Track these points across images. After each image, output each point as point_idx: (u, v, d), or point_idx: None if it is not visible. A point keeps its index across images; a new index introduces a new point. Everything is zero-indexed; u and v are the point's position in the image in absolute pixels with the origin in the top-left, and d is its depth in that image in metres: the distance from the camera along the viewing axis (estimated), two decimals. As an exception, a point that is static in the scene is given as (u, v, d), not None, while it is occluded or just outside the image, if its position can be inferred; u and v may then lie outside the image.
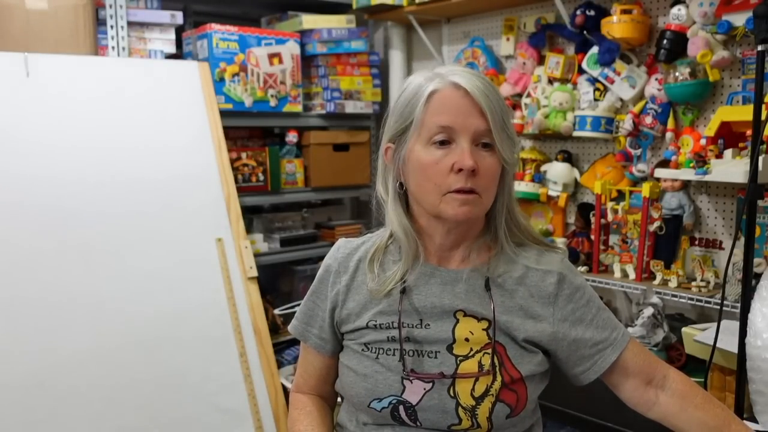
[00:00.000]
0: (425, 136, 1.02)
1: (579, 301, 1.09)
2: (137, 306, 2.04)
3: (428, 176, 1.01)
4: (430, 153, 1.01)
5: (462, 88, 1.00)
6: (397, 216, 1.08)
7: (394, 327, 1.07)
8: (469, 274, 1.08)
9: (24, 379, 1.83)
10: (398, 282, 1.08)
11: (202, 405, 2.04)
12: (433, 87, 1.02)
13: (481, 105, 0.99)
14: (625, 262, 1.99)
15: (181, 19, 2.53)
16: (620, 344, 1.10)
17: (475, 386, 1.03)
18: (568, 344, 1.08)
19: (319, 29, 2.69)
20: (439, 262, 1.10)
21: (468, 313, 1.06)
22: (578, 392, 1.73)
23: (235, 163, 2.46)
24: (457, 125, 1.00)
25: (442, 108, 1.01)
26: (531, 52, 2.31)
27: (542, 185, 2.29)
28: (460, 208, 1.01)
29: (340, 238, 1.20)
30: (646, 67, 2.03)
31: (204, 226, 2.24)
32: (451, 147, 1.00)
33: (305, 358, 1.20)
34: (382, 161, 1.11)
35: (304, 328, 1.17)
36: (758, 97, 1.37)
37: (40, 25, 2.19)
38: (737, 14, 1.74)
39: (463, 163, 0.98)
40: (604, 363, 1.09)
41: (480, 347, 1.04)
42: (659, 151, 2.04)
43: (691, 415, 1.09)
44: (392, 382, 1.05)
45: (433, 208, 1.03)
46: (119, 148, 2.16)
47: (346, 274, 1.13)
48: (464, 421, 1.02)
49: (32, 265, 1.93)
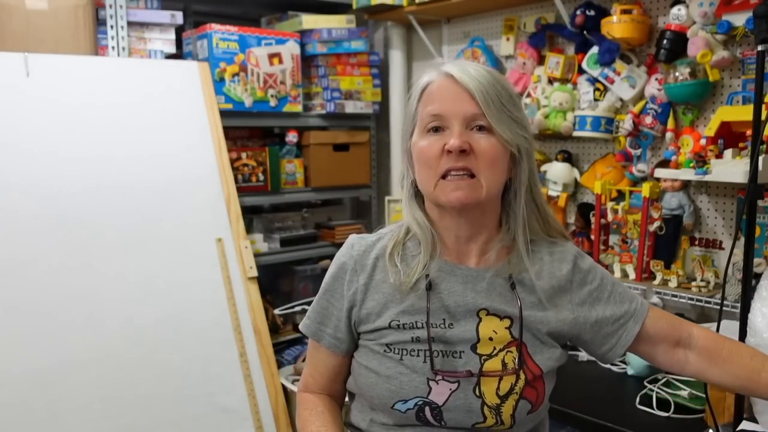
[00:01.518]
0: (421, 127, 1.05)
1: (593, 282, 1.12)
2: (137, 306, 2.04)
3: (425, 162, 1.03)
4: (426, 140, 1.04)
5: (451, 76, 1.02)
6: (411, 210, 1.11)
7: (418, 327, 1.05)
8: (493, 272, 1.08)
9: (24, 379, 1.83)
10: (422, 274, 1.06)
11: (202, 405, 2.04)
12: (427, 80, 1.06)
13: (470, 89, 1.01)
14: (625, 262, 1.99)
15: (181, 19, 2.53)
16: (641, 314, 1.12)
17: (500, 385, 1.04)
18: (591, 326, 1.10)
19: (319, 29, 2.69)
20: (458, 258, 1.10)
21: (491, 312, 1.06)
22: (578, 392, 1.73)
23: (235, 163, 2.46)
24: (447, 112, 1.02)
25: (433, 97, 1.04)
26: (531, 52, 2.31)
27: (542, 185, 2.28)
28: (453, 193, 1.01)
29: (351, 235, 1.17)
30: (646, 67, 2.03)
31: (204, 226, 2.24)
32: (445, 133, 1.02)
33: (316, 358, 1.16)
34: (405, 162, 1.13)
35: (318, 327, 1.13)
36: (758, 97, 1.37)
37: (40, 25, 2.19)
38: (737, 14, 1.73)
39: (451, 143, 1.00)
40: (629, 336, 1.11)
41: (503, 346, 1.05)
42: (659, 151, 2.04)
43: (722, 369, 1.12)
44: (418, 384, 1.03)
45: (431, 196, 1.05)
46: (119, 149, 2.16)
47: (363, 272, 1.10)
48: (489, 419, 1.03)
49: (32, 265, 1.93)
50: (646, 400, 1.64)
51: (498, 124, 1.01)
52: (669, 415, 1.55)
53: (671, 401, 1.61)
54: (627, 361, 1.86)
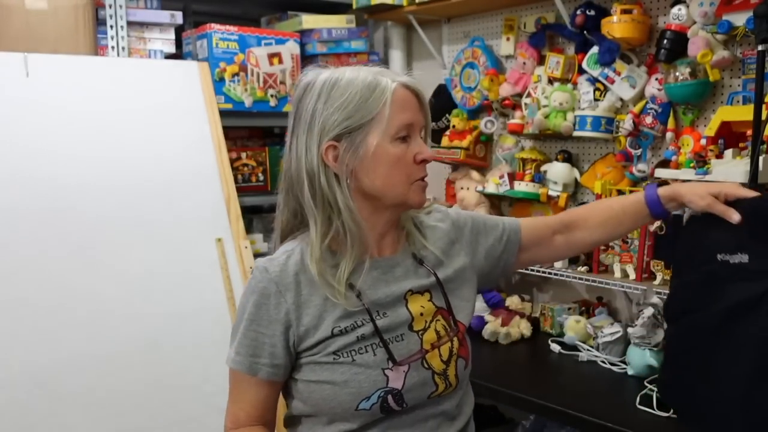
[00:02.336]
0: (391, 132, 1.07)
1: (466, 225, 1.28)
2: (137, 306, 2.04)
3: (399, 168, 1.09)
4: (397, 147, 1.08)
5: (411, 88, 1.10)
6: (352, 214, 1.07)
7: (359, 325, 1.08)
8: (401, 256, 1.17)
9: (24, 380, 1.83)
10: (349, 281, 1.09)
11: (202, 405, 2.04)
12: (393, 86, 1.07)
13: (424, 103, 1.13)
14: (625, 262, 1.99)
15: (180, 19, 2.53)
16: (515, 226, 1.31)
17: (441, 351, 1.13)
18: (485, 258, 1.28)
19: (319, 29, 2.69)
20: (378, 252, 1.16)
21: (414, 291, 1.15)
22: (578, 392, 1.73)
23: (235, 163, 2.46)
24: (415, 122, 1.10)
25: (405, 106, 1.09)
26: (531, 52, 2.31)
27: (542, 185, 2.28)
28: (422, 195, 1.13)
29: (257, 261, 1.15)
30: (646, 67, 2.03)
31: (204, 226, 2.24)
32: (408, 141, 1.10)
33: (248, 392, 1.12)
34: (317, 162, 1.06)
35: (252, 360, 1.09)
36: (758, 97, 1.37)
37: (40, 25, 2.19)
38: (737, 14, 1.73)
39: (426, 154, 1.11)
40: (514, 245, 1.30)
41: (431, 317, 1.15)
42: (659, 151, 2.03)
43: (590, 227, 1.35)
44: (375, 377, 1.07)
45: (400, 198, 1.11)
46: (119, 148, 2.16)
47: (289, 291, 1.08)
48: (440, 385, 1.13)
49: (32, 265, 1.93)
50: (646, 400, 1.64)
51: (428, 137, 1.16)
52: (669, 415, 1.55)
53: (671, 401, 1.61)
54: (627, 361, 1.86)
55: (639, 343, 1.82)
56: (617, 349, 1.94)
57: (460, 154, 2.48)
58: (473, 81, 2.53)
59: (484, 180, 2.46)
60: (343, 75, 1.07)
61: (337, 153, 1.06)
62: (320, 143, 1.06)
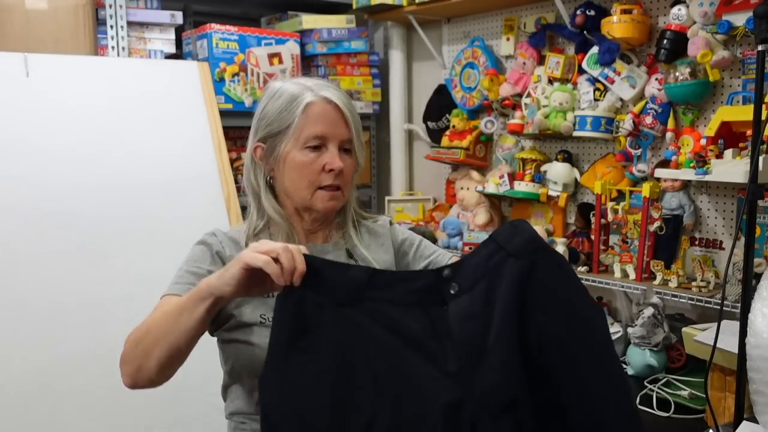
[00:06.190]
0: (301, 142, 1.18)
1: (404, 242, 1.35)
2: (137, 306, 2.03)
3: (303, 175, 1.19)
4: (306, 155, 1.18)
5: (333, 102, 1.18)
6: (272, 204, 1.23)
7: None
8: (333, 248, 1.26)
9: (24, 380, 1.83)
10: None
11: (202, 405, 2.04)
12: (309, 99, 1.18)
13: (347, 118, 1.20)
14: (625, 262, 1.99)
15: (180, 19, 2.53)
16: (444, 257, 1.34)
17: None
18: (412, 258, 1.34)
19: (319, 29, 2.69)
20: (307, 239, 1.26)
21: None
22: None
23: (235, 163, 2.46)
24: (329, 134, 1.18)
25: (318, 119, 1.18)
26: (531, 52, 2.31)
27: (542, 185, 2.28)
28: (329, 202, 1.21)
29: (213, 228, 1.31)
30: (646, 67, 2.03)
31: (204, 226, 2.22)
32: (323, 151, 1.18)
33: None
34: (251, 158, 1.24)
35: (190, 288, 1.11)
36: (758, 97, 1.37)
37: (40, 25, 2.19)
38: (737, 14, 1.73)
39: (334, 164, 1.17)
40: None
41: None
42: (659, 151, 2.04)
43: None
44: None
45: (304, 202, 1.21)
46: (119, 149, 2.16)
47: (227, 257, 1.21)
48: None
49: (32, 265, 1.93)
50: (646, 400, 1.64)
51: (359, 150, 1.23)
52: (669, 415, 1.55)
53: (671, 401, 1.61)
54: (627, 361, 1.86)
55: (639, 343, 1.82)
56: (617, 349, 1.94)
57: (460, 154, 2.48)
58: (473, 81, 2.53)
59: (484, 180, 2.46)
60: (282, 86, 1.22)
61: (262, 153, 1.23)
62: (253, 142, 1.24)
